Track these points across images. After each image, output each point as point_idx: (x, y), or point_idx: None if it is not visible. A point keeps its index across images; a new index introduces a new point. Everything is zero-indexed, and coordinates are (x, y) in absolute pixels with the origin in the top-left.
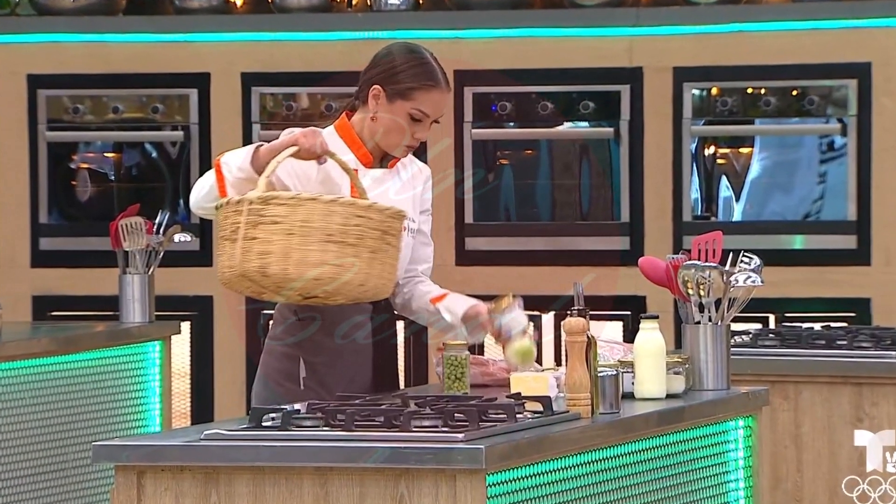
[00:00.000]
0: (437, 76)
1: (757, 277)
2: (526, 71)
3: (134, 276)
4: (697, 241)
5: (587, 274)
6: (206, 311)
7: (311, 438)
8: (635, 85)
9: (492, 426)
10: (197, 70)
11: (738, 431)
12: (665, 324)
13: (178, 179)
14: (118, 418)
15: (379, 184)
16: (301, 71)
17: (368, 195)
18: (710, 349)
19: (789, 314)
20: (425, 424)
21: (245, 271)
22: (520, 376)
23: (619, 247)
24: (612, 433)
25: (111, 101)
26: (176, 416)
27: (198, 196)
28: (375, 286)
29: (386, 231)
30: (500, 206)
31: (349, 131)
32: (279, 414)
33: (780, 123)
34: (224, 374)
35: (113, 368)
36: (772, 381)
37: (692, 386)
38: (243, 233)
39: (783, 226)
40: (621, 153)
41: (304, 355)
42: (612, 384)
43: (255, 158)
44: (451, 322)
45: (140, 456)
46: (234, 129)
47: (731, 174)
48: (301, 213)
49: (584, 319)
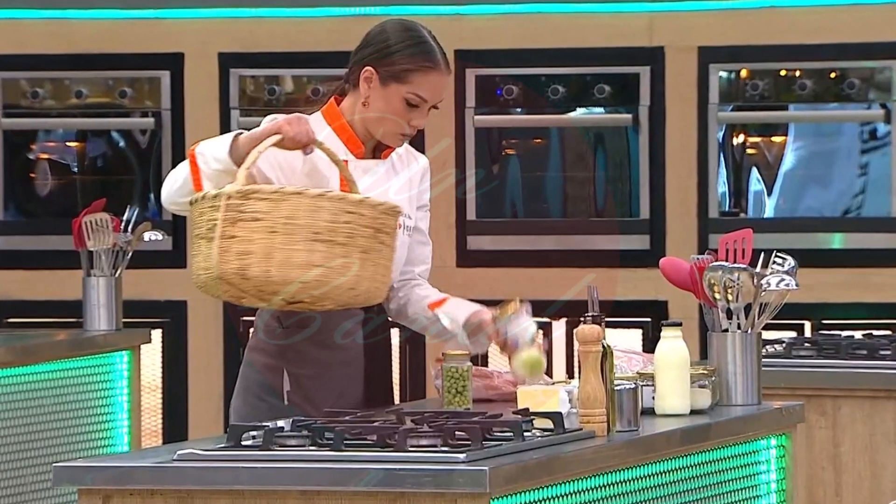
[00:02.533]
0: (435, 57)
1: (791, 280)
2: (534, 51)
3: (99, 279)
4: (725, 240)
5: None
6: (180, 318)
7: (295, 459)
8: (656, 66)
9: (496, 445)
10: (169, 50)
11: (771, 451)
12: (689, 332)
13: (148, 171)
14: (81, 436)
15: (371, 176)
16: (285, 51)
17: (360, 189)
18: (739, 360)
19: (827, 321)
20: (423, 443)
21: (223, 273)
22: (528, 390)
23: (638, 246)
24: (629, 453)
25: (74, 85)
26: (146, 434)
27: (170, 190)
28: (367, 290)
29: (379, 229)
30: (505, 202)
31: (338, 118)
32: (260, 432)
33: (816, 109)
34: (199, 387)
35: (76, 381)
36: (808, 395)
37: (719, 401)
38: (221, 231)
39: (820, 223)
40: (640, 142)
41: (288, 367)
42: (630, 399)
43: (234, 148)
44: (451, 330)
45: (106, 478)
46: (211, 116)
47: (763, 165)
48: (285, 209)
49: (598, 327)
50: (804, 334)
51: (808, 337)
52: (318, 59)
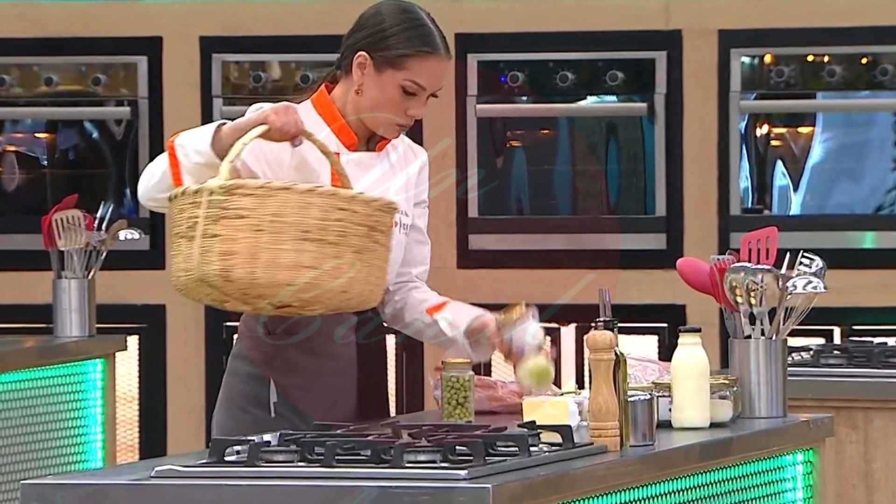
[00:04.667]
0: (434, 41)
1: (819, 282)
2: (541, 34)
3: (71, 282)
4: (748, 239)
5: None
6: (158, 323)
7: (283, 476)
8: (673, 51)
9: (501, 461)
10: (146, 34)
11: (797, 468)
12: (709, 338)
13: (123, 165)
14: (51, 452)
15: (365, 170)
16: (271, 34)
17: (353, 184)
18: (763, 369)
19: (858, 326)
20: (421, 459)
21: (204, 275)
22: (534, 401)
23: (654, 246)
24: (644, 469)
25: (44, 71)
26: (121, 448)
27: (147, 185)
28: (361, 293)
29: (373, 227)
30: (510, 198)
31: (329, 107)
32: (245, 447)
33: (846, 97)
34: (179, 398)
35: (45, 392)
36: (837, 407)
37: (741, 413)
38: (202, 229)
39: (851, 220)
40: (656, 133)
41: (275, 376)
42: (644, 411)
43: (217, 140)
44: (451, 336)
45: (78, 497)
46: (192, 105)
47: (789, 158)
48: (272, 206)
49: (611, 333)
50: (833, 341)
51: (838, 344)
52: (307, 44)
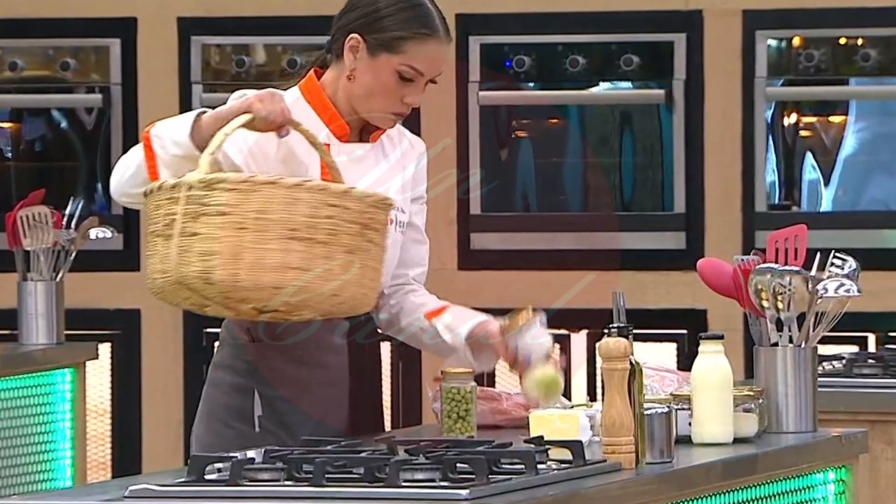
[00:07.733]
0: (433, 22)
1: (852, 285)
2: (549, 15)
3: (37, 284)
4: (774, 238)
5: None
6: (132, 330)
7: (268, 496)
8: (693, 33)
9: (505, 480)
10: (120, 14)
11: (829, 486)
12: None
13: (95, 157)
14: (17, 469)
15: (358, 163)
16: (255, 16)
17: (344, 177)
18: (791, 379)
19: (894, 333)
20: (419, 478)
21: (183, 277)
22: (542, 414)
23: (673, 245)
24: (662, 488)
25: (8, 55)
26: (92, 466)
27: (121, 179)
28: (353, 297)
29: (367, 225)
30: (515, 193)
31: (319, 94)
32: (227, 464)
33: (881, 84)
34: (155, 411)
35: (9, 404)
36: (872, 420)
37: (768, 427)
38: (180, 227)
39: (886, 218)
40: (675, 123)
41: (259, 388)
42: (662, 425)
43: (197, 130)
44: (451, 343)
45: None
46: (169, 92)
47: (819, 150)
48: (256, 202)
49: (625, 340)
50: (867, 349)
51: (873, 352)
52: (294, 25)
